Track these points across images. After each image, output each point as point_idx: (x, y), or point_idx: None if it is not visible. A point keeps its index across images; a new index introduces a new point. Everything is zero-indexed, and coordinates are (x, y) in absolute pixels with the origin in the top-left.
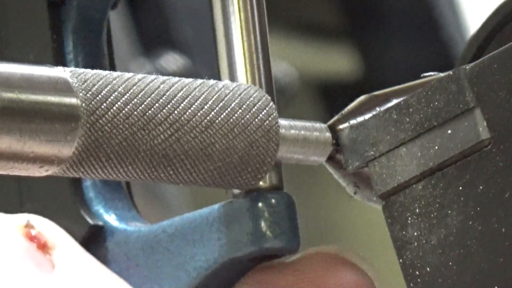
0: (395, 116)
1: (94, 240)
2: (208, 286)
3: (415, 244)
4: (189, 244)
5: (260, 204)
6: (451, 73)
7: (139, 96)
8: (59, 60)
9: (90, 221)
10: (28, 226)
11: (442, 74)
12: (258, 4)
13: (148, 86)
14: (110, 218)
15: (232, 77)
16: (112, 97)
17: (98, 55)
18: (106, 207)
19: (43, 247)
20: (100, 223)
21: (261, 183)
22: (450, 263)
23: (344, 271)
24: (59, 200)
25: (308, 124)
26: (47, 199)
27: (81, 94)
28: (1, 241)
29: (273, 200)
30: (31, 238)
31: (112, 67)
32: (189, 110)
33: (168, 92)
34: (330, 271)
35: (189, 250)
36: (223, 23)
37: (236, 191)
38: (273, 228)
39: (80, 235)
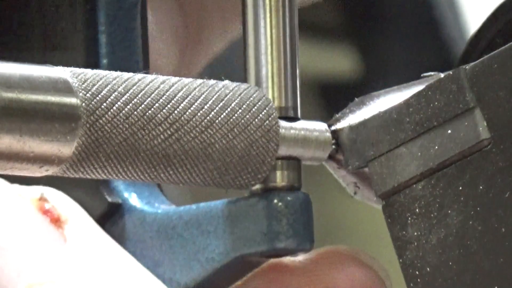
0: (395, 116)
1: (111, 217)
2: (219, 278)
3: (415, 244)
4: (203, 234)
5: (275, 203)
6: (451, 73)
7: (139, 96)
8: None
9: (109, 198)
10: (42, 199)
11: (442, 74)
12: (290, 12)
13: (148, 86)
14: (129, 196)
15: (259, 83)
16: (112, 97)
17: (132, 32)
18: (125, 184)
19: (56, 221)
20: (119, 200)
21: (279, 181)
22: (450, 263)
23: (356, 271)
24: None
25: (308, 124)
26: None
27: (81, 94)
28: (15, 214)
29: (290, 200)
30: (45, 212)
31: (146, 50)
32: (189, 110)
33: (168, 92)
34: (341, 271)
35: (203, 240)
36: (253, 31)
37: (254, 188)
38: (287, 228)
39: (98, 212)
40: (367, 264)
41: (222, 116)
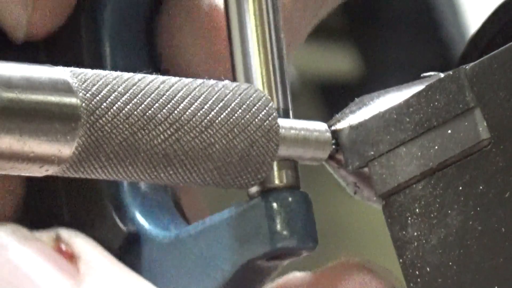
0: (395, 116)
1: (129, 247)
2: None
3: (415, 244)
4: (210, 247)
5: (275, 203)
6: (451, 73)
7: (139, 96)
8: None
9: (125, 229)
10: (57, 239)
11: (442, 74)
12: (273, 9)
13: (148, 86)
14: (145, 224)
15: (248, 82)
16: (112, 97)
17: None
18: (141, 212)
19: (70, 257)
20: (135, 229)
21: (277, 182)
22: (450, 263)
23: (367, 280)
24: (96, 209)
25: (308, 124)
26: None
27: (81, 94)
28: (32, 254)
29: (289, 199)
30: (60, 251)
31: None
32: (189, 110)
33: (168, 92)
34: (352, 282)
35: (211, 252)
36: (238, 29)
37: (252, 190)
38: (288, 227)
39: (116, 244)
40: (378, 273)
41: (222, 116)
